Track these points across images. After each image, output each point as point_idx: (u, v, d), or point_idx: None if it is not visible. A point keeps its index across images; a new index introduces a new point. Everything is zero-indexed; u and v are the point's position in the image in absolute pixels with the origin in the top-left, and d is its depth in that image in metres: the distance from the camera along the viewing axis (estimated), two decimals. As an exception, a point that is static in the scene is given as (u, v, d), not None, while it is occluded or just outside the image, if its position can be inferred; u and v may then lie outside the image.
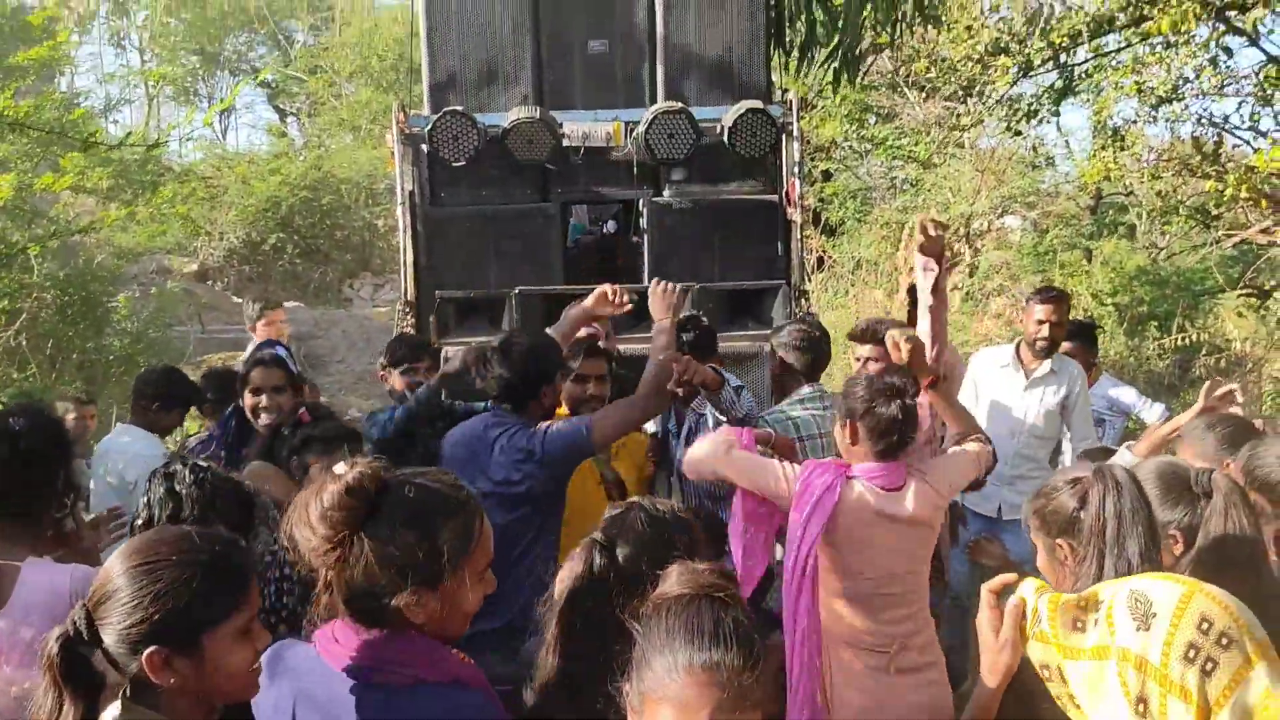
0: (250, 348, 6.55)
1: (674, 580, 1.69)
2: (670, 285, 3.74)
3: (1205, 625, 1.60)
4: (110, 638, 1.69)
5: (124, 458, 4.52)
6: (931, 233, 3.26)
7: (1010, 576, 1.95)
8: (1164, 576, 1.73)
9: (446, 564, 1.83)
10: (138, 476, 4.46)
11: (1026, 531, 2.34)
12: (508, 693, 2.10)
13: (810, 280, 13.11)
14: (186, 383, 4.92)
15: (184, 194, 13.43)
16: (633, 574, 2.08)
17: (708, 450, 3.17)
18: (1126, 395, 5.84)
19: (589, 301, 3.91)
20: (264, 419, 3.85)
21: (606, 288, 3.89)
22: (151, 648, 1.67)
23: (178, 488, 2.29)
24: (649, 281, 5.15)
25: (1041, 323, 5.15)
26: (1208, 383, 3.84)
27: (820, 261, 13.76)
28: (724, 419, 3.94)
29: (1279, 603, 2.16)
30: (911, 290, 6.60)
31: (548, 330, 4.04)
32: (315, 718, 1.86)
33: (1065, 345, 5.73)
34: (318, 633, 1.90)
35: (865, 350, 4.20)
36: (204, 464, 2.39)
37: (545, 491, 3.44)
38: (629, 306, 3.99)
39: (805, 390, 4.11)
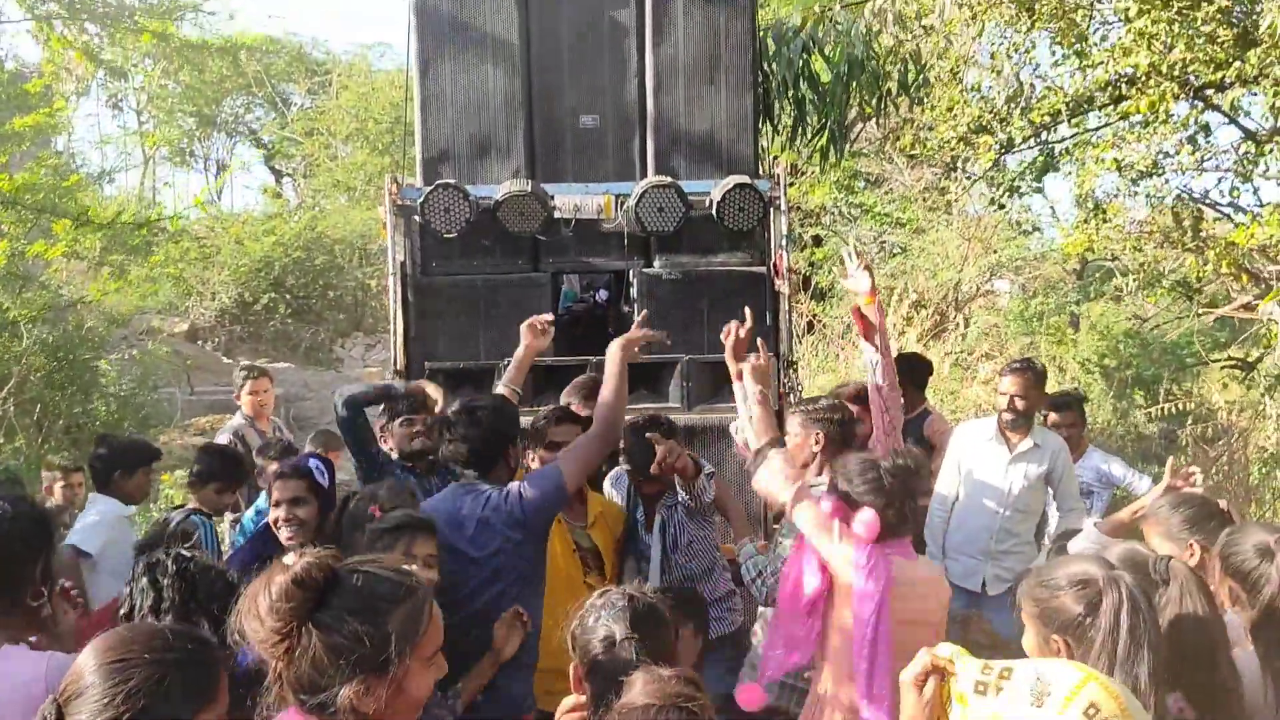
0: (230, 425, 6.53)
1: (638, 689, 1.69)
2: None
3: (1092, 711, 1.67)
4: None
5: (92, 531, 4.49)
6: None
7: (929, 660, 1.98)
8: (1069, 663, 1.83)
9: (394, 652, 1.83)
10: (102, 545, 4.43)
11: (1016, 612, 2.34)
12: None
13: (800, 344, 13.20)
14: (133, 445, 4.92)
15: (176, 256, 13.51)
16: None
17: (784, 490, 3.18)
18: (1116, 468, 5.87)
19: (525, 338, 4.28)
20: (285, 532, 3.69)
21: (534, 320, 4.29)
22: None
23: (160, 578, 2.28)
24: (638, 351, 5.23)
25: (1005, 395, 5.19)
26: (1170, 460, 3.88)
27: (810, 325, 13.84)
28: (693, 505, 4.01)
29: (1234, 695, 2.16)
30: (896, 360, 6.66)
31: (499, 386, 4.18)
32: None
33: (1053, 416, 5.76)
34: None
35: None
36: (188, 553, 2.38)
37: (526, 555, 3.44)
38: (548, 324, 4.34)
39: None
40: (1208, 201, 6.64)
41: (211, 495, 4.54)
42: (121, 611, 2.30)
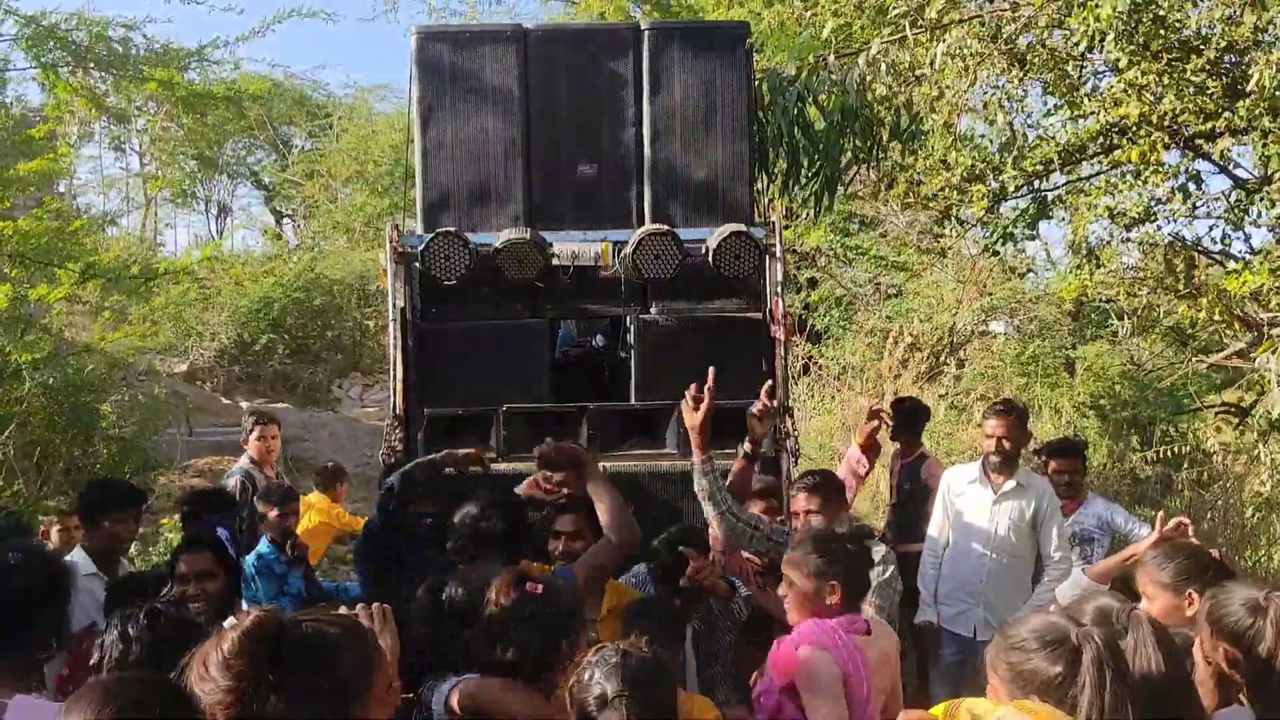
0: (237, 468, 6.53)
1: None
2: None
3: None
4: None
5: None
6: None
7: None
8: (1026, 708, 1.87)
9: (352, 693, 1.87)
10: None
11: (982, 675, 2.33)
12: None
13: (796, 386, 13.24)
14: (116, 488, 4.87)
15: (176, 297, 13.56)
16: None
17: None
18: (1117, 515, 5.87)
19: None
20: (192, 608, 3.41)
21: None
22: None
23: (130, 630, 2.26)
24: (635, 398, 5.27)
25: (990, 437, 5.25)
26: (1160, 513, 3.90)
27: (806, 368, 13.90)
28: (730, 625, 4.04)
29: None
30: (893, 405, 6.69)
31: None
32: None
33: (1054, 463, 5.78)
34: None
35: (801, 502, 4.24)
36: (161, 606, 2.36)
37: None
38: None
39: None
40: (1200, 248, 6.71)
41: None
42: (92, 662, 2.28)
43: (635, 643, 2.41)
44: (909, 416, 6.74)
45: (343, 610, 2.10)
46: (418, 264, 5.22)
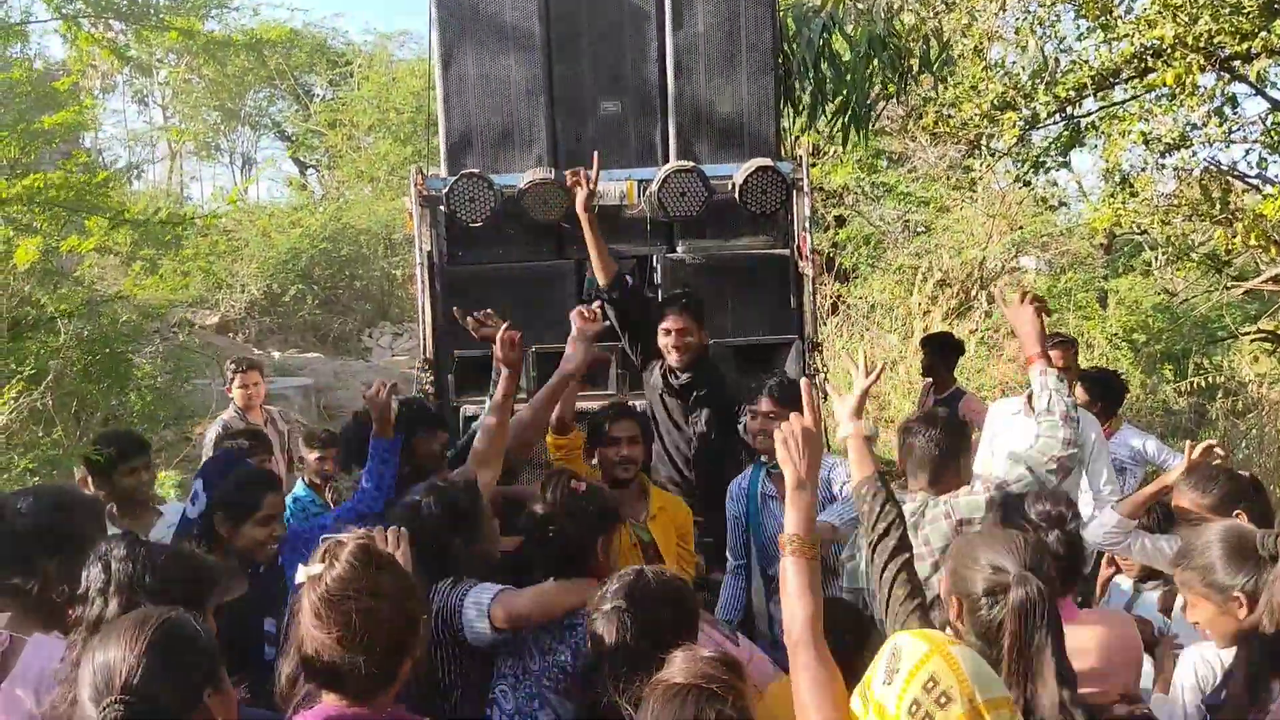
0: (220, 419, 6.54)
1: (674, 667, 1.73)
2: None
3: (930, 685, 1.75)
4: None
5: None
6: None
7: None
8: (921, 635, 1.87)
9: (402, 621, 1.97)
10: None
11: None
12: None
13: (824, 325, 13.18)
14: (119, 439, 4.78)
15: (205, 249, 13.64)
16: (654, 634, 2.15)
17: None
18: (1150, 445, 5.82)
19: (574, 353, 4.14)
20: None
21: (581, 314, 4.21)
22: None
23: (111, 562, 2.24)
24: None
25: None
26: (1187, 443, 3.87)
27: (834, 307, 13.81)
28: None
29: None
30: (927, 340, 6.64)
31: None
32: None
33: (1081, 397, 5.72)
34: None
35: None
36: (142, 540, 2.34)
37: None
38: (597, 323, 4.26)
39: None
40: (1236, 173, 6.58)
41: None
42: (79, 591, 2.26)
43: (661, 568, 2.44)
44: (942, 351, 6.69)
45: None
46: (443, 207, 5.21)
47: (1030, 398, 5.22)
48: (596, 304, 4.48)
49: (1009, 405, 5.47)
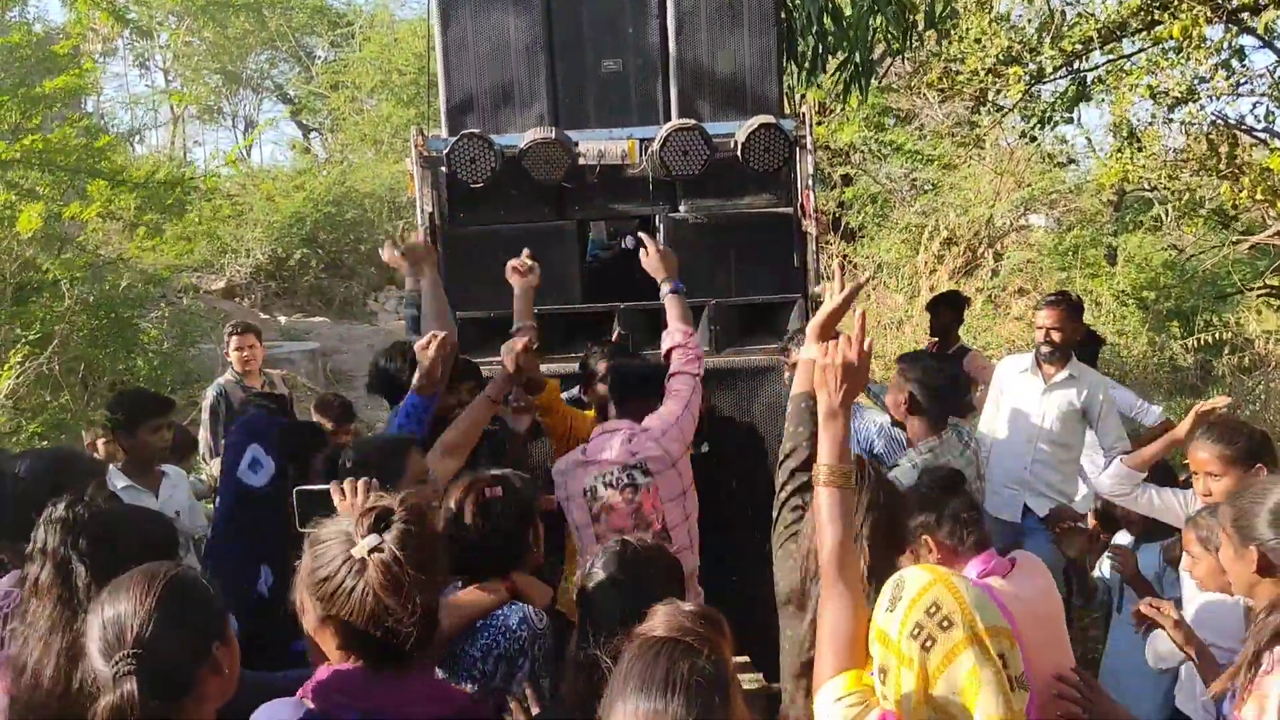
0: (216, 382, 6.54)
1: (655, 620, 1.73)
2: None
3: (933, 609, 1.81)
4: None
5: None
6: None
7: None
8: (925, 567, 1.94)
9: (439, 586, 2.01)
10: None
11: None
12: None
13: (830, 284, 13.10)
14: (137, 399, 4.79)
15: (209, 214, 13.64)
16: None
17: None
18: (1125, 398, 5.86)
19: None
20: None
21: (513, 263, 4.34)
22: None
23: (44, 527, 2.20)
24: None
25: (1041, 328, 5.19)
26: (1197, 404, 3.88)
27: (841, 266, 13.72)
28: None
29: None
30: (934, 302, 6.63)
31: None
32: None
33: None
34: (308, 685, 1.94)
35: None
36: (87, 502, 2.26)
37: None
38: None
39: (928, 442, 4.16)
40: (1243, 127, 6.51)
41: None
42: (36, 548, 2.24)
43: (641, 537, 2.46)
44: (950, 307, 6.72)
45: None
46: (444, 168, 5.18)
47: (1038, 355, 5.25)
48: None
49: (1016, 363, 5.49)
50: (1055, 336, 5.17)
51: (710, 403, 4.83)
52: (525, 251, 4.53)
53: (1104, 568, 4.61)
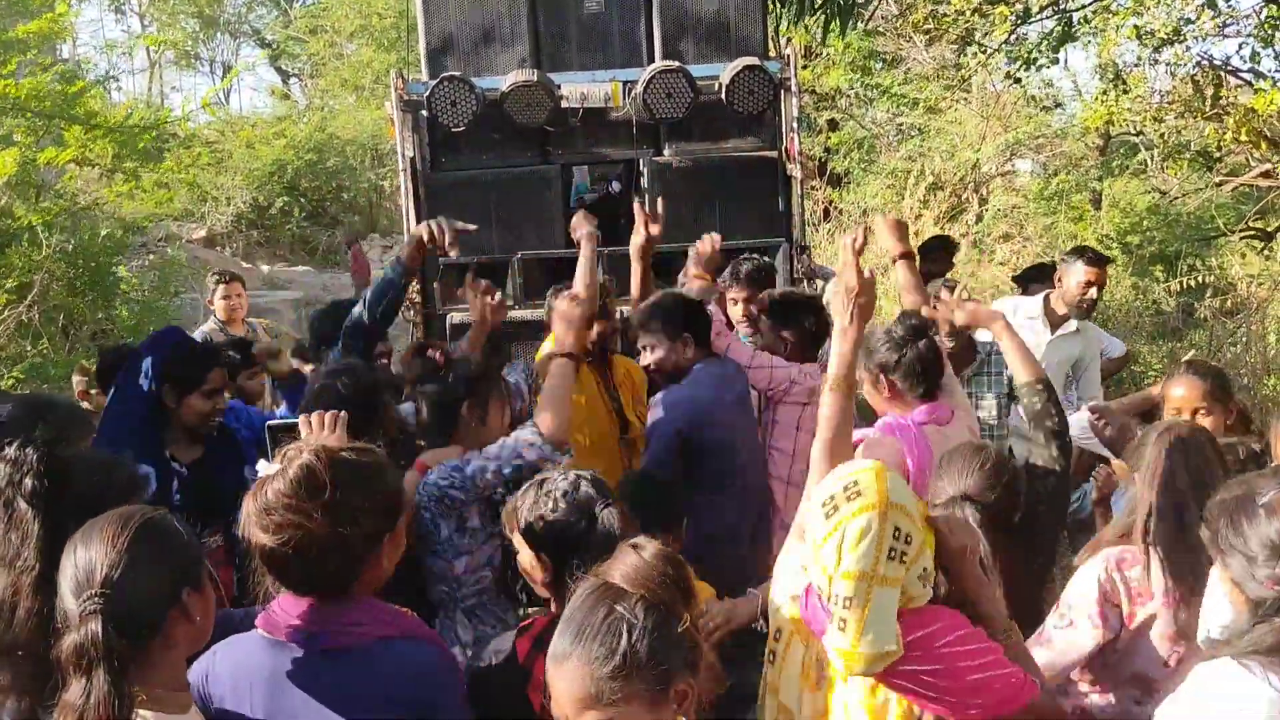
0: (200, 330, 6.49)
1: (612, 561, 1.73)
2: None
3: (851, 485, 1.91)
4: None
5: None
6: None
7: None
8: (877, 462, 2.02)
9: (396, 510, 2.00)
10: None
11: None
12: None
13: (817, 231, 13.09)
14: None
15: (188, 161, 13.46)
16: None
17: None
18: (1100, 336, 5.88)
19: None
20: None
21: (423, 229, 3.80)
22: None
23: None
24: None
25: (1089, 284, 5.06)
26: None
27: (826, 212, 13.71)
28: None
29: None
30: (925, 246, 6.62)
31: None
32: (261, 691, 1.92)
33: (1039, 289, 5.80)
34: (260, 616, 1.97)
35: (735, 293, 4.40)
36: (42, 444, 2.18)
37: None
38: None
39: None
40: (1229, 68, 6.48)
41: None
42: None
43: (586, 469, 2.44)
44: (942, 251, 6.71)
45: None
46: (424, 112, 5.12)
47: (1047, 304, 5.13)
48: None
49: (1024, 305, 5.28)
50: (1095, 294, 5.11)
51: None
52: (484, 284, 4.09)
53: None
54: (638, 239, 4.15)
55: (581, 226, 4.04)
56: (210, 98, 7.72)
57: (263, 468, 1.93)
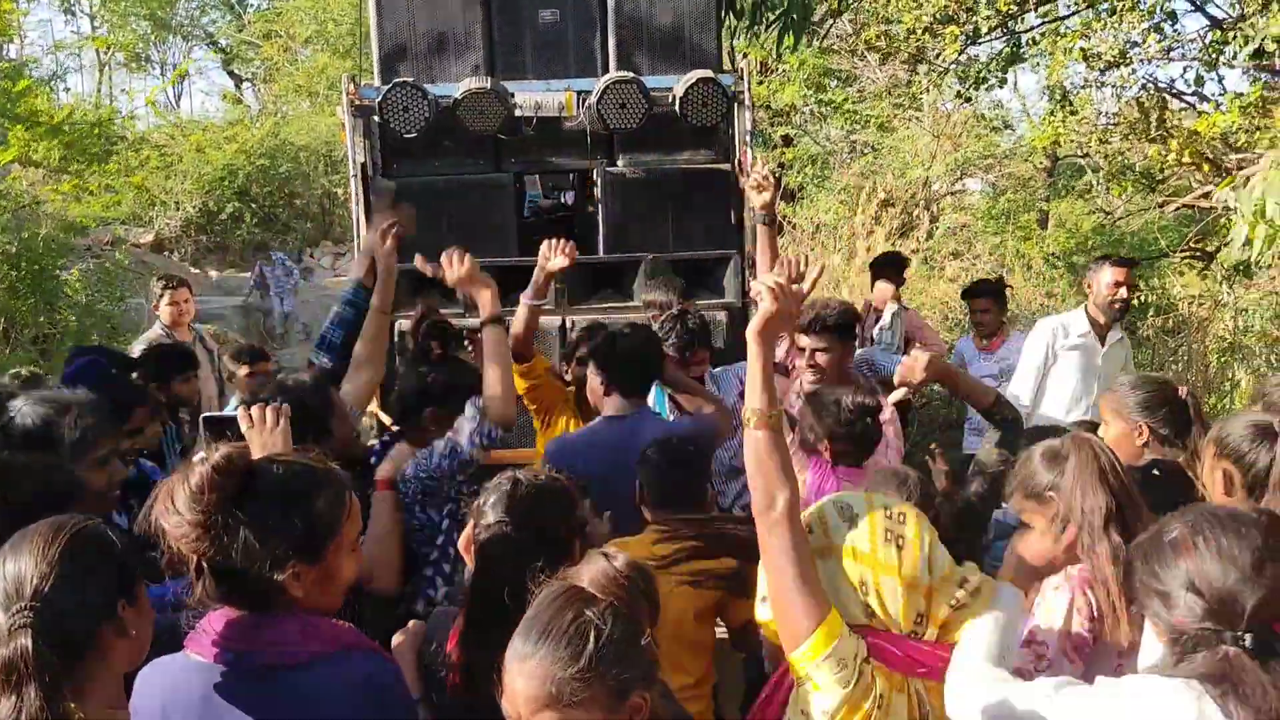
0: (145, 335, 6.39)
1: (580, 567, 1.72)
2: None
3: (889, 513, 2.00)
4: None
5: None
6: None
7: None
8: (862, 494, 2.10)
9: (322, 536, 1.86)
10: None
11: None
12: None
13: (770, 244, 13.14)
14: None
15: (136, 164, 13.26)
16: (541, 542, 2.18)
17: None
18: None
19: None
20: None
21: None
22: None
23: None
24: (603, 251, 5.22)
25: (1119, 284, 5.11)
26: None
27: (780, 227, 13.81)
28: None
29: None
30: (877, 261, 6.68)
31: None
32: (194, 717, 1.83)
33: (974, 304, 5.97)
34: (189, 637, 1.88)
35: (808, 341, 3.98)
36: None
37: None
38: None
39: None
40: (1173, 91, 6.63)
41: None
42: None
43: (535, 472, 2.40)
44: (891, 269, 6.78)
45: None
46: (376, 117, 5.08)
47: (1109, 314, 5.12)
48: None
49: (1067, 329, 5.25)
50: (1125, 294, 5.16)
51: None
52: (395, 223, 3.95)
53: None
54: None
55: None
56: (156, 95, 7.58)
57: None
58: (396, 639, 2.36)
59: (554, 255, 3.92)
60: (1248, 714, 1.66)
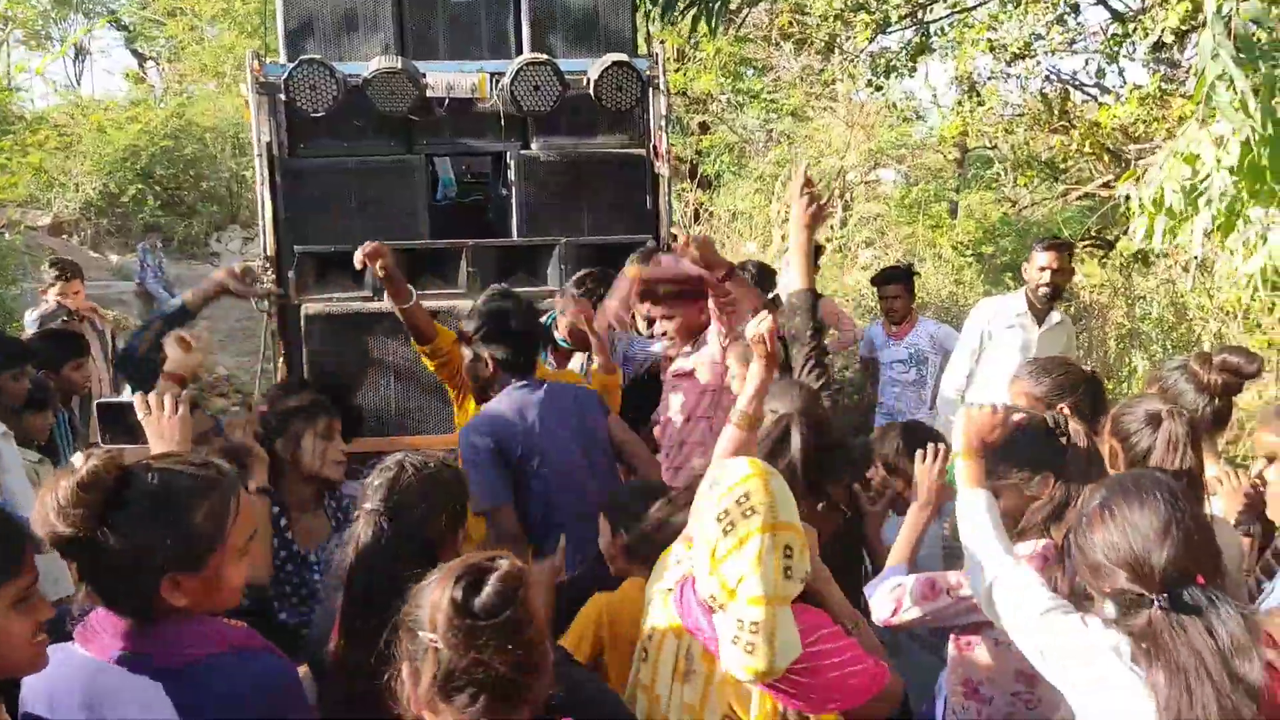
0: (36, 311, 6.20)
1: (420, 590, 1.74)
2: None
3: (743, 499, 1.96)
4: None
5: None
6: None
7: None
8: (749, 460, 2.09)
9: (203, 546, 1.79)
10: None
11: None
12: None
13: (687, 233, 13.21)
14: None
15: (34, 143, 12.73)
16: (415, 535, 2.18)
17: None
18: (949, 335, 6.14)
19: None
20: None
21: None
22: None
23: None
24: (517, 235, 5.17)
25: (1045, 269, 5.17)
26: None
27: (697, 214, 13.87)
28: None
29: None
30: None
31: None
32: (81, 716, 1.78)
33: (884, 290, 6.07)
34: (78, 629, 1.83)
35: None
36: None
37: None
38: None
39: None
40: (1075, 83, 6.81)
41: None
42: None
43: (425, 455, 2.36)
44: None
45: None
46: (282, 95, 4.94)
47: (1038, 298, 5.16)
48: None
49: (1008, 306, 5.35)
50: (1057, 279, 5.22)
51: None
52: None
53: None
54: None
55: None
56: (47, 65, 7.27)
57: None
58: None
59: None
60: (1156, 670, 1.79)
